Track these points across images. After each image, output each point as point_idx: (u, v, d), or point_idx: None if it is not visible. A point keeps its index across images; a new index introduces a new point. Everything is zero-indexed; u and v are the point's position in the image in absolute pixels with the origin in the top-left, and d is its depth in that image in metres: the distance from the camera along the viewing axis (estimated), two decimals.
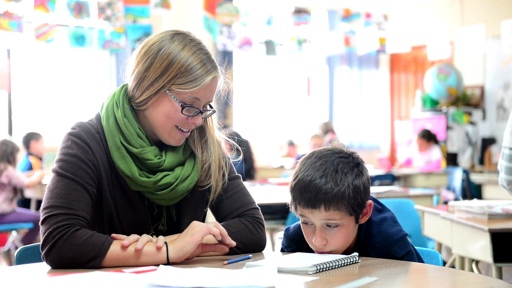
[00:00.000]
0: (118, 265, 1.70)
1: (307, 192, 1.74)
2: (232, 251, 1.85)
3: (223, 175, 1.95)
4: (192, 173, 1.88)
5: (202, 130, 1.95)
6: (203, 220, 1.97)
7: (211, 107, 1.91)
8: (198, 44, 1.86)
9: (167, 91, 1.81)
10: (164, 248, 1.72)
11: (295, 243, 1.91)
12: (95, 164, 1.81)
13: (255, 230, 1.91)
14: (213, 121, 1.98)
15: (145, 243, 1.72)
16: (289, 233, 1.93)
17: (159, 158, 1.85)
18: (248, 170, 7.23)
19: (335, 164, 1.76)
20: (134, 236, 1.75)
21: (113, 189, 1.84)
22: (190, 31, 1.90)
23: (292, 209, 1.82)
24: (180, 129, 1.85)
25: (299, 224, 1.88)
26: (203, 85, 1.82)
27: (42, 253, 1.71)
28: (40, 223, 1.74)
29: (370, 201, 1.81)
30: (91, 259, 1.68)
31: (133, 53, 1.89)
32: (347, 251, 1.84)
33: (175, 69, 1.80)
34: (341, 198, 1.73)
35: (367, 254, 1.83)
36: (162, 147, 1.90)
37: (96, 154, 1.82)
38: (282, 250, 1.95)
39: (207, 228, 1.74)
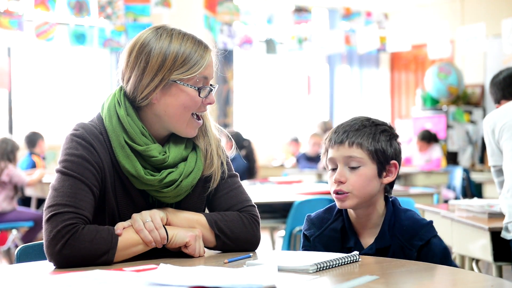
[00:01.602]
0: (127, 255, 1.75)
1: (337, 132, 1.92)
2: (220, 241, 1.87)
3: (221, 163, 1.96)
4: (195, 168, 1.90)
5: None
6: None
7: (211, 89, 1.93)
8: (180, 30, 1.89)
9: (178, 82, 1.84)
10: (165, 234, 1.79)
11: (315, 226, 1.98)
12: (100, 165, 1.81)
13: (250, 225, 1.92)
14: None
15: (159, 240, 1.78)
16: (311, 217, 2.01)
17: (164, 155, 1.86)
18: (250, 169, 7.23)
19: (368, 119, 1.96)
20: (139, 222, 1.78)
21: (115, 190, 1.85)
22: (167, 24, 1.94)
23: (323, 160, 1.96)
24: (195, 116, 1.89)
25: (321, 211, 2.00)
26: (206, 63, 1.87)
27: (51, 251, 1.69)
28: (44, 221, 1.73)
29: (396, 162, 1.90)
30: (104, 253, 1.71)
31: (120, 60, 1.90)
32: (373, 226, 1.90)
33: (171, 60, 1.83)
34: (365, 136, 1.87)
35: (393, 237, 1.88)
36: (164, 144, 1.91)
37: (100, 155, 1.82)
38: (304, 235, 2.00)
39: (197, 238, 1.81)
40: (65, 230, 1.69)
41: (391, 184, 1.95)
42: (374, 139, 1.88)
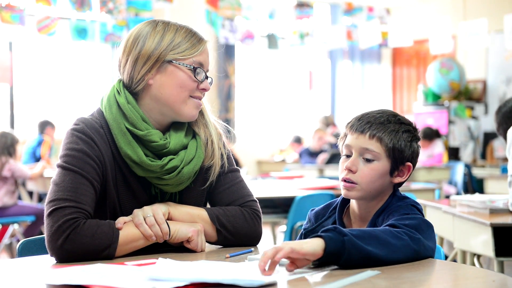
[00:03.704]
0: (128, 249, 1.75)
1: (361, 120, 1.87)
2: (222, 236, 1.87)
3: (222, 156, 1.97)
4: (196, 156, 1.90)
5: (200, 111, 1.97)
6: None
7: (207, 77, 1.93)
8: (176, 22, 1.91)
9: (174, 61, 1.85)
10: (167, 229, 1.79)
11: (311, 221, 1.98)
12: (100, 159, 1.82)
13: (251, 220, 1.92)
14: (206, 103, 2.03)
15: (161, 235, 1.79)
16: (311, 212, 2.00)
17: (164, 140, 1.87)
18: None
19: (395, 115, 1.89)
20: (139, 217, 1.79)
21: (116, 184, 1.85)
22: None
23: (339, 144, 1.93)
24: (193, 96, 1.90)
25: (321, 206, 1.99)
26: (202, 49, 1.88)
27: (52, 246, 1.70)
28: (46, 216, 1.73)
29: (410, 164, 1.87)
30: (105, 248, 1.71)
31: (119, 50, 1.91)
32: (368, 220, 1.85)
33: (166, 42, 1.85)
34: (387, 132, 1.83)
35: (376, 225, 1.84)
36: (165, 133, 1.92)
37: (101, 149, 1.82)
38: (306, 229, 1.99)
39: (199, 233, 1.82)
40: (66, 225, 1.69)
41: (399, 184, 1.91)
42: (396, 137, 1.83)
